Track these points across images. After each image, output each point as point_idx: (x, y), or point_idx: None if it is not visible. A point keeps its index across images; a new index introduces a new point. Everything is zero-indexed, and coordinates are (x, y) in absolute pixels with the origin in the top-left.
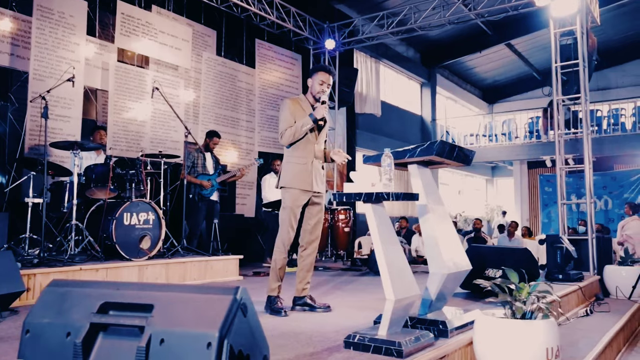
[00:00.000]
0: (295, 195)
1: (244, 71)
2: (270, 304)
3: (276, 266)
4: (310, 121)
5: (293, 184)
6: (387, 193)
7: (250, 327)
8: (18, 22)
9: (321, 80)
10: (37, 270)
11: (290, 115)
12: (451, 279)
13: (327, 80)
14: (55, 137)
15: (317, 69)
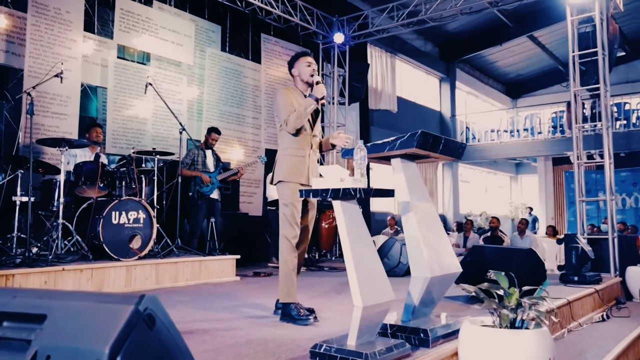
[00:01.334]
0: (293, 189)
1: (249, 67)
2: (290, 311)
3: (288, 268)
4: (313, 101)
5: (291, 178)
6: (354, 189)
7: (161, 342)
8: (13, 18)
9: (307, 62)
10: (17, 270)
11: (288, 103)
12: (436, 283)
13: (312, 62)
14: (51, 135)
15: (298, 56)
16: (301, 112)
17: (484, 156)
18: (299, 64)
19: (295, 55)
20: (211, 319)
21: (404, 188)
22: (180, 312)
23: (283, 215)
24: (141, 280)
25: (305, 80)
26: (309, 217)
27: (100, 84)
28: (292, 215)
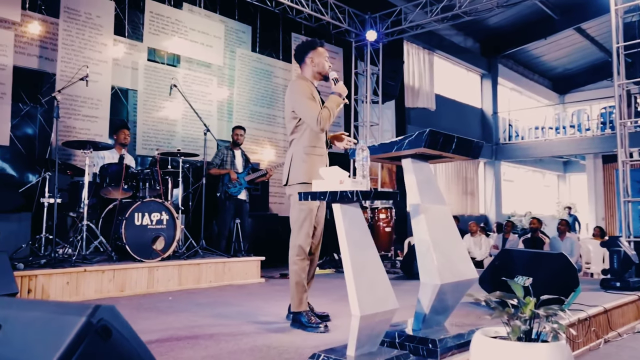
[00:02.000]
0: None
1: (280, 67)
2: (301, 318)
3: (300, 277)
4: (340, 99)
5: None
6: (351, 192)
7: (118, 354)
8: (46, 24)
9: (326, 55)
10: (40, 271)
11: (312, 97)
12: (448, 290)
13: (327, 54)
14: (82, 137)
15: (314, 45)
16: (332, 110)
17: (528, 154)
18: (317, 55)
19: (311, 43)
20: (221, 324)
21: (414, 190)
22: (193, 315)
23: (298, 221)
24: (163, 281)
25: (321, 72)
26: (321, 218)
27: (131, 86)
28: (309, 221)
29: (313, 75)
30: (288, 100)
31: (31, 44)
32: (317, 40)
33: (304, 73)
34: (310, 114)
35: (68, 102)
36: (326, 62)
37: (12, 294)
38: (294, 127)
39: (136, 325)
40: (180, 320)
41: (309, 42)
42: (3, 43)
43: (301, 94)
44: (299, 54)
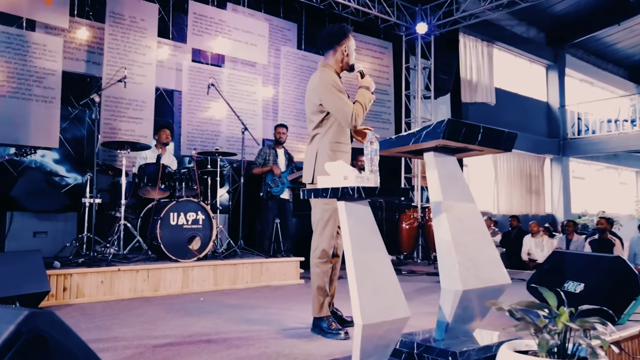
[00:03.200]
0: None
1: None
2: (321, 324)
3: (322, 280)
4: (370, 94)
5: None
6: (353, 188)
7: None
8: (93, 30)
9: (355, 46)
10: (75, 270)
11: (342, 90)
12: (474, 297)
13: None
14: (127, 138)
15: (346, 33)
16: (366, 105)
17: (601, 149)
18: (350, 45)
19: (344, 30)
20: (241, 328)
21: (436, 186)
22: (217, 318)
23: (321, 221)
24: (198, 282)
25: (349, 63)
26: None
27: (175, 87)
28: (333, 221)
29: (340, 65)
30: (314, 91)
31: (79, 49)
32: (349, 27)
33: (330, 61)
34: (343, 109)
35: (113, 104)
36: (354, 54)
37: (44, 292)
38: (320, 121)
39: (156, 327)
40: (201, 323)
41: (341, 29)
42: (53, 49)
43: (332, 87)
44: (330, 40)
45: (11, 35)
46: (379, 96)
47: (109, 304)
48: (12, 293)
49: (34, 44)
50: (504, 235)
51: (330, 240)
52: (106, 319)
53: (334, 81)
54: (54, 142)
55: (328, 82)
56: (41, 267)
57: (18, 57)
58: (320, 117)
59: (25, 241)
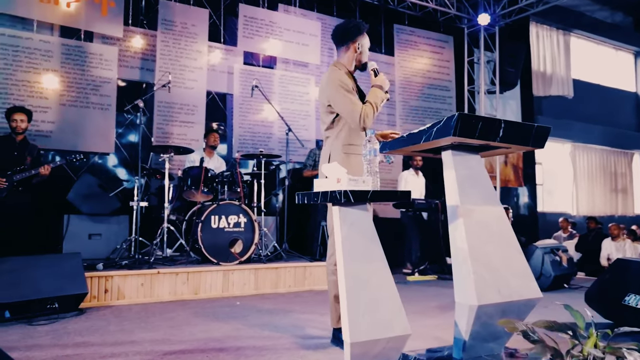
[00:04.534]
0: None
1: (382, 60)
2: (340, 335)
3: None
4: (383, 94)
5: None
6: (340, 192)
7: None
8: (147, 37)
9: (369, 43)
10: (116, 272)
11: (352, 91)
12: (495, 313)
13: (369, 43)
14: (180, 142)
15: (361, 30)
16: (378, 106)
17: None
18: (364, 43)
19: (358, 26)
20: (262, 335)
21: (453, 188)
22: (242, 324)
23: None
24: (239, 285)
25: (362, 61)
26: None
27: (227, 90)
28: None
29: (353, 62)
30: (324, 91)
31: (133, 57)
32: (364, 23)
33: (342, 59)
34: (351, 110)
35: (165, 109)
36: (368, 51)
37: (83, 294)
38: (331, 122)
39: (178, 332)
40: (223, 329)
41: (356, 25)
42: (108, 58)
43: (340, 87)
44: (343, 37)
45: (70, 47)
46: (439, 92)
47: (147, 306)
48: (52, 294)
49: (91, 54)
50: (580, 238)
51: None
52: (135, 322)
53: (341, 81)
54: (110, 147)
55: (336, 82)
56: (80, 270)
57: (77, 67)
58: (331, 118)
59: (81, 243)
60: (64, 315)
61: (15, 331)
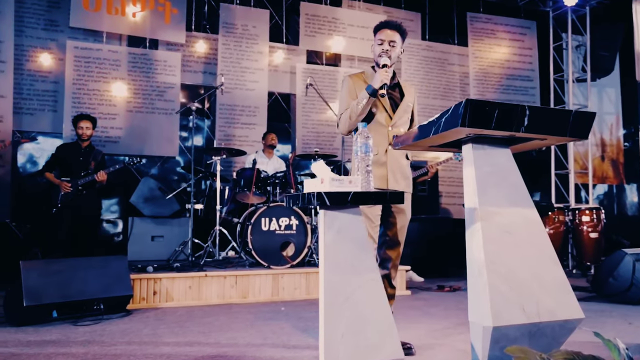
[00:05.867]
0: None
1: (455, 52)
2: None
3: None
4: (367, 94)
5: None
6: (314, 194)
7: None
8: (209, 42)
9: (379, 39)
10: (165, 274)
11: (348, 95)
12: (519, 336)
13: (387, 37)
14: (241, 144)
15: (375, 29)
16: (352, 108)
17: None
18: (374, 41)
19: (377, 25)
20: (287, 344)
21: (472, 187)
22: (273, 333)
23: None
24: (289, 290)
25: (375, 61)
26: (397, 226)
27: (290, 90)
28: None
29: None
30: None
31: (196, 61)
32: (380, 22)
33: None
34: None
35: (227, 112)
36: (378, 47)
37: (127, 295)
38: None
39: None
40: (251, 338)
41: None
42: (172, 64)
43: (343, 90)
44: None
45: (136, 55)
46: (521, 83)
47: (192, 309)
48: (97, 296)
49: (156, 61)
50: None
51: None
52: (170, 326)
53: (344, 86)
54: (174, 150)
55: (342, 86)
56: (126, 272)
57: (142, 74)
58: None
59: (144, 245)
60: (110, 316)
61: (57, 330)
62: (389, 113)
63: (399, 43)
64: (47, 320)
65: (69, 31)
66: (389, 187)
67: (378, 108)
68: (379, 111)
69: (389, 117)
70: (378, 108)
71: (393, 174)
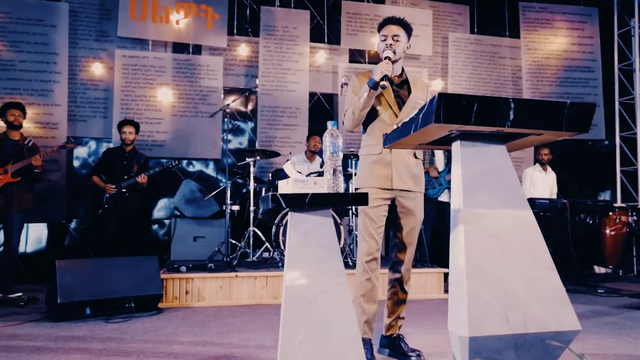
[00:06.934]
0: (371, 196)
1: (506, 44)
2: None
3: (357, 294)
4: (367, 87)
5: (365, 183)
6: (270, 196)
7: None
8: (251, 45)
9: (383, 35)
10: (197, 274)
11: (353, 93)
12: (501, 348)
13: (390, 32)
14: (283, 145)
15: (379, 27)
16: (356, 104)
17: None
18: (379, 38)
19: (381, 21)
20: None
21: (458, 187)
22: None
23: (359, 230)
24: None
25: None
26: (406, 228)
27: (332, 91)
28: (364, 227)
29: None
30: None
31: (238, 65)
32: (383, 19)
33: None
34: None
35: (269, 114)
36: (382, 44)
37: (157, 295)
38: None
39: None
40: (260, 338)
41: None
42: (214, 68)
43: (349, 89)
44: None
45: (180, 61)
46: (580, 75)
47: (220, 309)
48: (128, 294)
49: (199, 66)
50: None
51: (363, 247)
52: (192, 326)
53: (349, 85)
54: (217, 153)
55: (350, 84)
56: (156, 272)
57: (186, 79)
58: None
59: (187, 245)
60: (141, 314)
61: (87, 327)
62: (394, 110)
63: (403, 38)
64: (81, 317)
65: (118, 40)
66: (394, 186)
67: (382, 105)
68: (384, 108)
69: (394, 115)
70: (382, 105)
71: (398, 172)
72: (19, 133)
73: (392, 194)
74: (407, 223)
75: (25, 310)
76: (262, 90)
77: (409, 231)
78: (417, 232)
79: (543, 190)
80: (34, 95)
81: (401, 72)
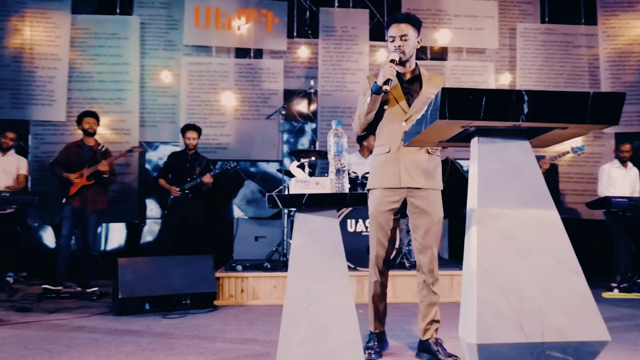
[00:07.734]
0: (376, 198)
1: (582, 32)
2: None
3: (369, 293)
4: (370, 92)
5: (375, 183)
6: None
7: None
8: (310, 46)
9: (390, 36)
10: (252, 274)
11: (363, 95)
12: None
13: (398, 32)
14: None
15: (386, 27)
16: (362, 108)
17: None
18: (387, 38)
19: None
20: None
21: (473, 187)
22: None
23: (369, 232)
24: None
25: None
26: (422, 229)
27: None
28: (373, 230)
29: None
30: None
31: (298, 67)
32: (398, 15)
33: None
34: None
35: (328, 114)
36: (391, 45)
37: (212, 292)
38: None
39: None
40: None
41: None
42: (275, 71)
43: (361, 90)
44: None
45: (242, 66)
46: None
47: (272, 308)
48: (184, 291)
49: (260, 69)
50: None
51: (372, 252)
52: (242, 323)
53: (362, 85)
54: (278, 154)
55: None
56: (211, 270)
57: (248, 83)
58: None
59: (249, 244)
60: (197, 311)
61: (145, 321)
62: (402, 107)
63: (412, 35)
64: (141, 312)
65: (184, 48)
66: (402, 184)
67: (390, 103)
68: (392, 106)
69: (404, 112)
70: (390, 103)
71: (407, 170)
72: (93, 139)
73: (402, 194)
74: (421, 224)
75: (96, 304)
76: (322, 91)
77: (425, 232)
78: (434, 233)
79: (624, 188)
80: (109, 103)
81: (414, 67)
